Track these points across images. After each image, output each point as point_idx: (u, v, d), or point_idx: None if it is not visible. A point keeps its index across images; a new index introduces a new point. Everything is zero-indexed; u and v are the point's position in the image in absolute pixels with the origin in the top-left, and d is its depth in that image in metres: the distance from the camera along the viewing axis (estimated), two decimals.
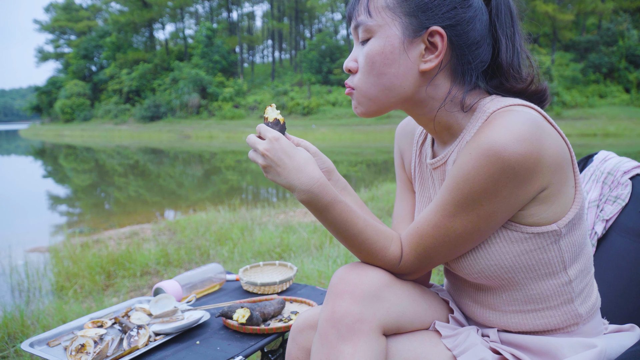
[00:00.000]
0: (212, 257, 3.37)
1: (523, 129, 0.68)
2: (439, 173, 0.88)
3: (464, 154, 0.72)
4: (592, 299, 0.84)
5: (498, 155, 0.68)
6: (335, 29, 56.53)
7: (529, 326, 0.82)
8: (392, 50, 0.76)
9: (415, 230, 0.81)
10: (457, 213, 0.74)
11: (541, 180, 0.71)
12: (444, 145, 0.86)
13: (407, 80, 0.78)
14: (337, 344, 0.73)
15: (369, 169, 11.67)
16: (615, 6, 34.76)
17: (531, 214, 0.74)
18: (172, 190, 9.29)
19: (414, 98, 0.80)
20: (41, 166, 16.03)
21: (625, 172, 1.17)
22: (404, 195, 1.02)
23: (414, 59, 0.77)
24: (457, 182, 0.73)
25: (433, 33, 0.75)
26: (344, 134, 27.77)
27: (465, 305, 0.91)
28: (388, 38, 0.76)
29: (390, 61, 0.77)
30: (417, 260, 0.82)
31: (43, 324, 2.19)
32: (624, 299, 1.04)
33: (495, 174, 0.69)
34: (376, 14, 0.77)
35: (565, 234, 0.76)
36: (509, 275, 0.79)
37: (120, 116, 43.98)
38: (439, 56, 0.76)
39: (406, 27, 0.76)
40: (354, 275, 0.77)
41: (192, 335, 1.20)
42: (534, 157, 0.68)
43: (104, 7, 57.60)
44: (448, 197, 0.75)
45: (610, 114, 26.65)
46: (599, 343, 0.77)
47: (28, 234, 4.99)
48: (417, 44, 0.76)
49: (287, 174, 0.77)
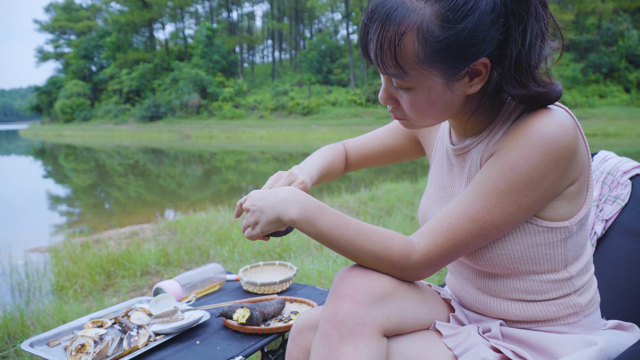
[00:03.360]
0: (212, 257, 3.37)
1: (568, 123, 0.72)
2: (459, 160, 0.89)
3: (509, 144, 0.73)
4: (591, 292, 0.85)
5: (547, 145, 0.70)
6: (335, 29, 56.55)
7: (529, 315, 0.83)
8: (438, 95, 0.76)
9: (443, 225, 0.78)
10: (498, 204, 0.74)
11: (573, 174, 0.75)
12: (465, 137, 0.88)
13: (457, 106, 0.79)
14: (338, 344, 0.73)
15: (369, 169, 11.66)
16: (615, 6, 34.75)
17: (552, 207, 0.76)
18: (172, 190, 9.29)
19: (468, 112, 0.82)
20: (41, 166, 16.03)
21: (625, 172, 1.17)
22: (381, 133, 1.11)
23: (460, 90, 0.76)
24: (503, 170, 0.73)
25: (476, 64, 0.73)
26: (344, 134, 27.75)
27: (466, 292, 0.91)
28: (431, 88, 0.75)
29: (438, 102, 0.77)
30: (441, 257, 0.78)
31: (43, 324, 2.19)
32: (624, 299, 1.04)
33: (542, 164, 0.71)
34: (411, 70, 0.73)
35: (575, 232, 0.79)
36: (514, 266, 0.80)
37: (120, 116, 43.97)
38: (483, 79, 0.75)
39: (447, 73, 0.73)
40: (357, 279, 0.77)
41: (192, 335, 1.20)
42: (574, 151, 0.72)
43: (104, 7, 57.61)
44: (491, 187, 0.74)
45: (610, 114, 26.65)
46: (600, 341, 0.78)
47: (28, 234, 4.99)
48: (461, 78, 0.74)
49: (270, 204, 0.81)
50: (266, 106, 37.77)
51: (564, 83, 31.08)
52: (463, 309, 0.95)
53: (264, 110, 37.67)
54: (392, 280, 0.80)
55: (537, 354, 0.80)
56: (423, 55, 0.71)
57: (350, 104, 36.04)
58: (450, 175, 0.92)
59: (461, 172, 0.89)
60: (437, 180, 0.97)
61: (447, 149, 0.94)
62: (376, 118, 31.48)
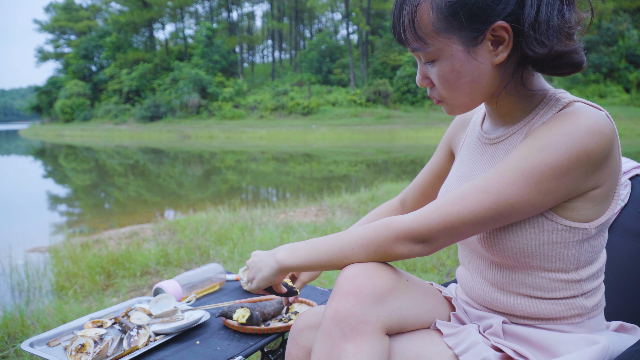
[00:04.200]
0: (212, 257, 3.37)
1: (606, 125, 0.71)
2: (490, 150, 0.88)
3: (542, 131, 0.73)
4: (598, 297, 0.85)
5: (581, 138, 0.69)
6: (335, 29, 56.57)
7: (534, 311, 0.82)
8: (462, 64, 0.76)
9: (453, 193, 0.76)
10: (517, 181, 0.72)
11: (602, 177, 0.73)
12: (501, 125, 0.87)
13: (486, 78, 0.78)
14: (341, 342, 0.73)
15: (369, 169, 11.67)
16: (615, 6, 34.77)
17: (574, 207, 0.75)
18: (172, 190, 9.29)
19: (494, 88, 0.80)
20: (41, 166, 16.03)
21: (625, 173, 1.17)
22: (428, 165, 1.12)
23: (485, 59, 0.76)
24: (530, 151, 0.72)
25: (495, 28, 0.73)
26: (344, 134, 27.78)
27: (475, 284, 0.90)
28: (453, 56, 0.76)
29: (464, 73, 0.77)
30: (440, 220, 0.75)
31: (43, 324, 2.19)
32: (624, 299, 1.04)
33: (572, 154, 0.69)
34: (430, 39, 0.75)
35: (592, 235, 0.78)
36: (526, 260, 0.79)
37: (120, 116, 43.97)
38: (508, 46, 0.74)
39: (465, 39, 0.74)
40: (359, 277, 0.77)
41: (192, 335, 1.20)
42: (607, 153, 0.71)
43: (104, 7, 57.64)
44: (513, 164, 0.73)
45: (610, 113, 26.49)
46: (601, 340, 0.78)
47: (28, 234, 4.99)
48: (484, 46, 0.74)
49: (264, 258, 0.91)
50: (266, 106, 37.78)
51: (564, 83, 31.10)
52: (465, 306, 0.95)
53: (264, 110, 37.68)
54: (394, 278, 0.80)
55: (538, 352, 0.79)
56: (438, 23, 0.74)
57: (350, 104, 36.07)
58: (475, 165, 0.90)
59: (490, 162, 0.87)
60: (460, 169, 0.95)
61: (478, 138, 0.93)
62: (376, 118, 31.50)
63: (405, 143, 20.30)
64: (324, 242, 0.84)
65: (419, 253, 0.79)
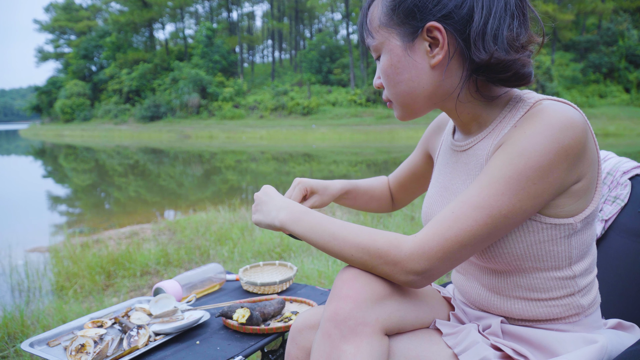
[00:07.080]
0: (212, 257, 3.37)
1: (576, 118, 0.72)
2: (463, 157, 0.89)
3: (517, 135, 0.73)
4: (593, 294, 0.85)
5: (555, 135, 0.70)
6: (335, 29, 56.56)
7: (532, 314, 0.83)
8: (399, 59, 0.81)
9: (445, 215, 0.74)
10: (506, 191, 0.72)
11: (581, 170, 0.74)
12: (468, 134, 0.89)
13: (423, 79, 0.81)
14: (340, 343, 0.73)
15: (369, 169, 11.66)
16: (615, 6, 34.78)
17: (557, 204, 0.75)
18: (172, 190, 9.29)
19: (437, 93, 0.82)
20: (41, 166, 16.03)
21: (625, 173, 1.17)
22: (409, 158, 1.18)
23: (421, 59, 0.79)
24: (511, 158, 0.72)
25: (430, 29, 0.77)
26: (344, 134, 27.77)
27: (472, 289, 0.91)
28: (392, 50, 0.81)
29: (401, 69, 0.81)
30: (440, 247, 0.72)
31: (43, 324, 2.19)
32: (624, 299, 1.04)
33: (552, 153, 0.70)
34: (376, 33, 0.83)
35: (579, 229, 0.78)
36: (518, 263, 0.80)
37: (120, 116, 43.96)
38: (443, 47, 0.77)
39: (403, 35, 0.79)
40: (357, 280, 0.76)
41: (192, 335, 1.20)
42: (583, 145, 0.72)
43: (104, 7, 57.61)
44: (498, 174, 0.72)
45: (610, 114, 26.67)
46: (600, 339, 0.78)
47: (28, 234, 4.99)
48: (420, 45, 0.79)
49: (267, 209, 0.91)
50: (266, 106, 37.77)
51: (564, 83, 31.12)
52: (464, 307, 0.95)
53: (264, 110, 37.67)
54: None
55: (537, 352, 0.80)
56: (382, 16, 0.81)
57: (350, 103, 36.06)
58: (452, 174, 0.92)
59: (464, 169, 0.88)
60: (439, 180, 0.97)
61: (450, 147, 0.94)
62: (376, 118, 31.49)
63: (405, 143, 20.28)
64: (327, 230, 0.80)
65: (416, 285, 0.77)
